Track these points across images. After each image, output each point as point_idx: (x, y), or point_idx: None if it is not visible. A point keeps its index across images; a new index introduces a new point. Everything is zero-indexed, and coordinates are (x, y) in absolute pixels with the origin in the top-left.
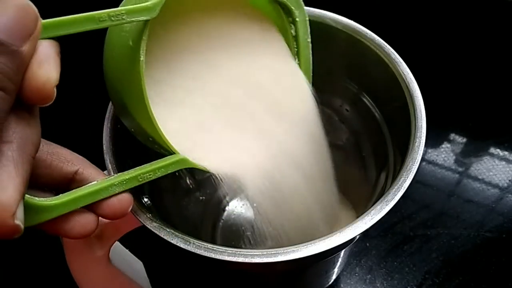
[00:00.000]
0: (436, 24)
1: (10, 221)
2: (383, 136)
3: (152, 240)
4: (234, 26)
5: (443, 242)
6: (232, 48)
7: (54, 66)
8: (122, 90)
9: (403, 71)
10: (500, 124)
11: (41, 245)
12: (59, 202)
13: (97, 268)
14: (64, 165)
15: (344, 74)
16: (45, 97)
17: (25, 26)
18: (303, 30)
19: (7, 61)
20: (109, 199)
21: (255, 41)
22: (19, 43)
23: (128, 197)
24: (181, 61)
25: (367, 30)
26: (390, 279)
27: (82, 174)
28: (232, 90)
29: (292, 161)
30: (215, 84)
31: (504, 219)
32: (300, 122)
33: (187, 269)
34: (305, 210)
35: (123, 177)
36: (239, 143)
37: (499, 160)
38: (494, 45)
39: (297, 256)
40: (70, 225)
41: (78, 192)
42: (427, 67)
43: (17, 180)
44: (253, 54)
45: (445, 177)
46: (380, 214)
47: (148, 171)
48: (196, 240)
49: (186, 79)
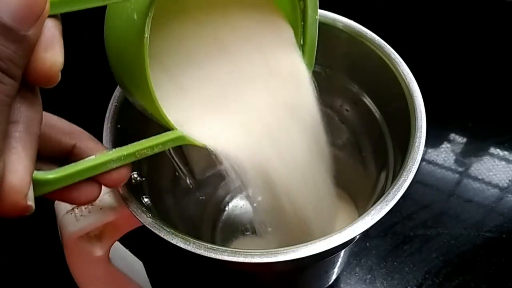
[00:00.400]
0: (436, 24)
1: (23, 202)
2: (383, 136)
3: (152, 240)
4: (243, 13)
5: (443, 242)
6: (239, 34)
7: (59, 48)
8: (122, 63)
9: (403, 71)
10: (500, 124)
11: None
12: (57, 176)
13: (97, 268)
14: (63, 138)
15: (344, 74)
16: (51, 80)
17: (33, 8)
18: (312, 6)
19: (16, 48)
20: (108, 172)
21: (261, 29)
22: (27, 28)
23: (126, 169)
24: (186, 40)
25: (367, 30)
26: (390, 279)
27: (80, 148)
28: (235, 73)
29: (289, 146)
30: (218, 65)
31: (504, 219)
32: (300, 113)
33: (187, 269)
34: (302, 198)
35: (121, 152)
36: (238, 123)
37: (499, 160)
38: (494, 45)
39: (297, 256)
40: (74, 194)
41: (77, 166)
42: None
43: (26, 161)
44: (259, 41)
45: (445, 177)
46: (380, 214)
47: (146, 148)
48: (196, 240)
49: (190, 58)
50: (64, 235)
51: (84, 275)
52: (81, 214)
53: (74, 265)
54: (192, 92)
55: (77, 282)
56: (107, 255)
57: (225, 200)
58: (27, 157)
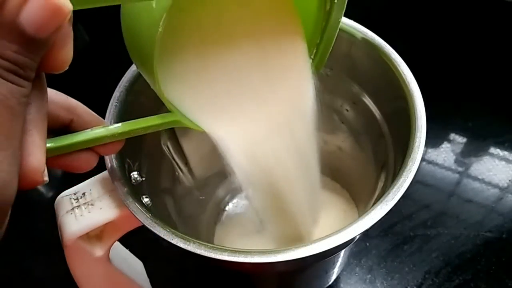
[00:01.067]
0: (436, 24)
1: (40, 179)
2: (383, 136)
3: (152, 240)
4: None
5: (443, 242)
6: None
7: (71, 44)
8: (134, 42)
9: (403, 71)
10: (500, 124)
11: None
12: (54, 146)
13: (97, 268)
14: (61, 113)
15: (345, 74)
16: (60, 71)
17: (57, 17)
18: (339, 8)
19: (34, 56)
20: (102, 144)
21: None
22: (49, 35)
23: (120, 142)
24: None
25: (368, 30)
26: (390, 279)
27: (78, 122)
28: (242, 70)
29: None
30: (225, 59)
31: (504, 219)
32: (297, 115)
33: (187, 269)
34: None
35: (115, 131)
36: (236, 112)
37: (499, 160)
38: (493, 45)
39: (297, 255)
40: (73, 162)
41: (72, 139)
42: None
43: (40, 142)
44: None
45: (445, 177)
46: (380, 214)
47: (140, 128)
48: (196, 240)
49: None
50: (64, 235)
51: (84, 275)
52: (81, 214)
53: (74, 265)
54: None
55: (77, 282)
56: (107, 255)
57: (225, 200)
58: (41, 139)
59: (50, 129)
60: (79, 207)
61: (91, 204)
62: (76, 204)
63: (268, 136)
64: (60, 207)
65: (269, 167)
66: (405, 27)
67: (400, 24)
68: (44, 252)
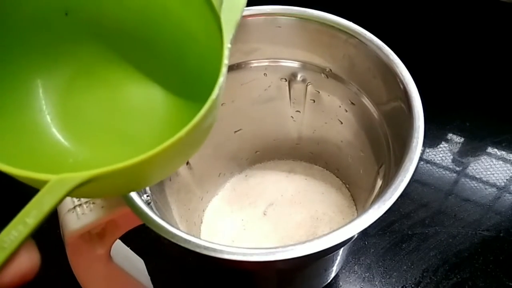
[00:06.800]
0: (434, 24)
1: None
2: (382, 136)
3: (153, 238)
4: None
5: (441, 240)
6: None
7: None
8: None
9: (401, 72)
10: (497, 124)
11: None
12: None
13: (99, 266)
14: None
15: (343, 74)
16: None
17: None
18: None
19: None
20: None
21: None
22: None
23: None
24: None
25: (366, 31)
26: (388, 277)
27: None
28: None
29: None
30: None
31: (502, 218)
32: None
33: (187, 267)
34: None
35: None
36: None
37: (496, 159)
38: (491, 45)
39: (296, 254)
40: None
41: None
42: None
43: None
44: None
45: (443, 176)
46: (378, 213)
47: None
48: (196, 239)
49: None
50: (66, 233)
51: (85, 273)
52: (82, 213)
53: (76, 263)
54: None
55: (78, 280)
56: (108, 253)
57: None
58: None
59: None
60: (81, 205)
61: (92, 202)
62: (77, 202)
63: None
64: (62, 206)
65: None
66: (403, 27)
67: (399, 25)
68: (46, 251)
